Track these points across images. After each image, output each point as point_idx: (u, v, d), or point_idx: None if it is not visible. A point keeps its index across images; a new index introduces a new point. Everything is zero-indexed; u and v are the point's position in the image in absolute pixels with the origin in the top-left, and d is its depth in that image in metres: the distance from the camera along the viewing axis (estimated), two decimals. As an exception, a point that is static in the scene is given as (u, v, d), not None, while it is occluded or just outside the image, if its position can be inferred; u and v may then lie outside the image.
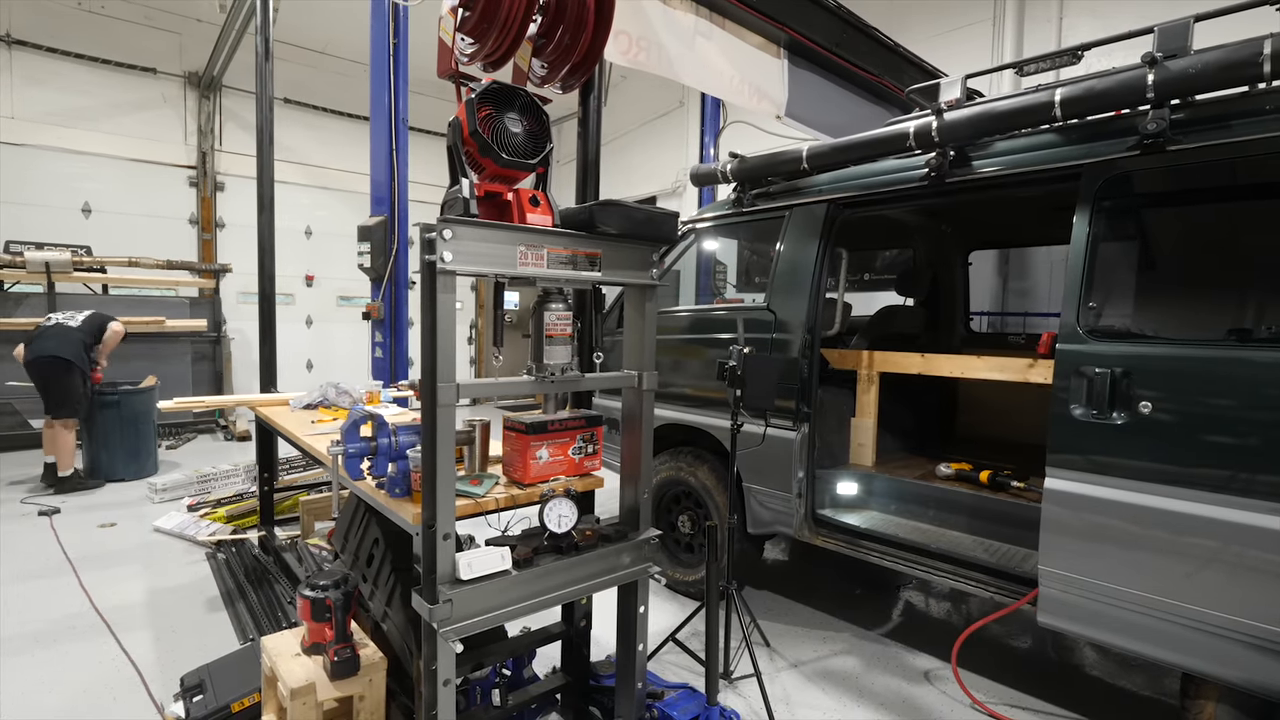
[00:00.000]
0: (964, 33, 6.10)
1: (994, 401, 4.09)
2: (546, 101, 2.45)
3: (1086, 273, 2.10)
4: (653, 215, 1.85)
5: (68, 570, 3.55)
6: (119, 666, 2.63)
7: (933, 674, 2.75)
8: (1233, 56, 1.87)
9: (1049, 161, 2.29)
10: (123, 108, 7.55)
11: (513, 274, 1.71)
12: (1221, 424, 1.83)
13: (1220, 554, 1.81)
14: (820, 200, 2.98)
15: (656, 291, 2.05)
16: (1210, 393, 1.85)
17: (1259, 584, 1.75)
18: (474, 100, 1.63)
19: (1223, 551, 1.81)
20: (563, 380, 1.86)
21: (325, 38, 8.33)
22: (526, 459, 2.01)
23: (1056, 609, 2.12)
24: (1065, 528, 2.08)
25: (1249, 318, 2.01)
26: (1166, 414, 1.91)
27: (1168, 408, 1.91)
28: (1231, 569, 1.80)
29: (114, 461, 5.38)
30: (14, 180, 6.93)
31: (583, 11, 2.12)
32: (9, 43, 6.88)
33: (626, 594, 2.11)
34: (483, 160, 1.64)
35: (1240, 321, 2.00)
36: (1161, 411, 1.91)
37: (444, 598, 1.62)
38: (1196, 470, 1.86)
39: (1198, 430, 1.86)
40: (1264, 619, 1.75)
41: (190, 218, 8.14)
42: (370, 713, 2.09)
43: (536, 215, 1.72)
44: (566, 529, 1.88)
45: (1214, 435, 1.84)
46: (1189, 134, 2.00)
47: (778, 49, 3.49)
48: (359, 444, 1.91)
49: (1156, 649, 1.94)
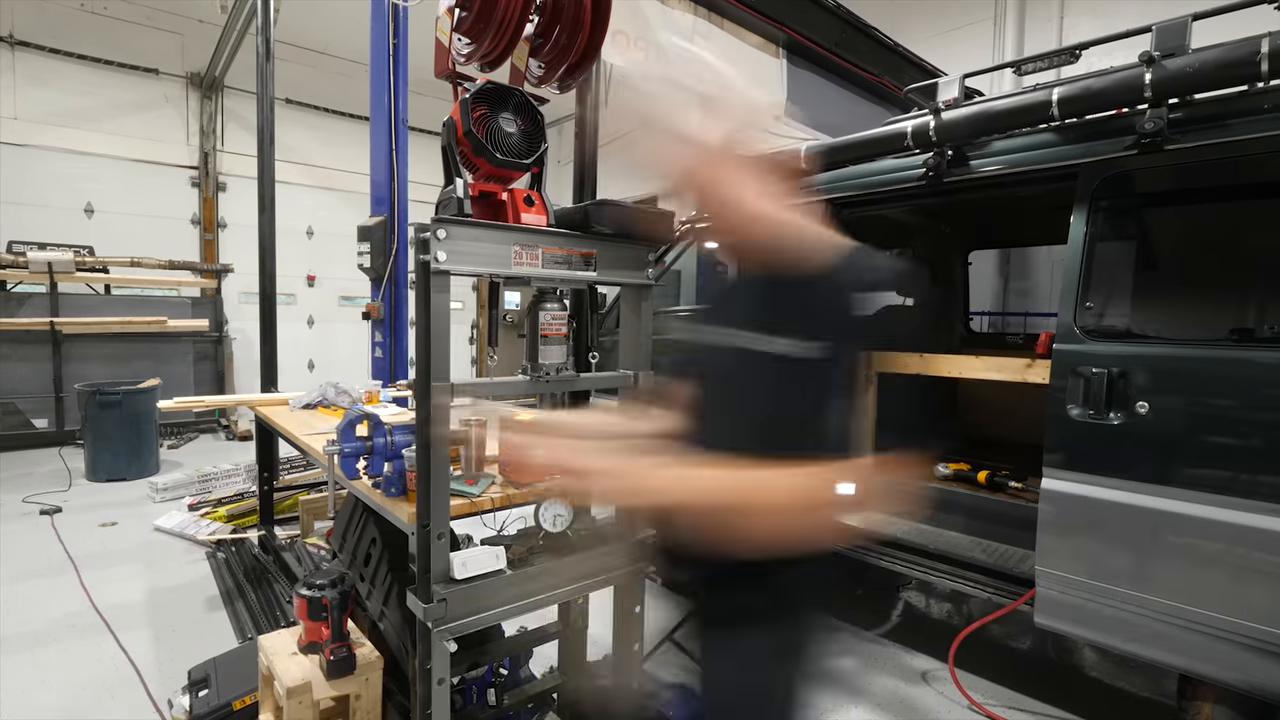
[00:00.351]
0: (964, 32, 6.10)
1: (995, 401, 4.09)
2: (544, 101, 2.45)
3: (1083, 273, 2.10)
4: (648, 214, 1.85)
5: (69, 569, 3.56)
6: (118, 665, 2.64)
7: (930, 674, 2.74)
8: (1230, 55, 1.87)
9: (1046, 161, 2.29)
10: (125, 108, 7.57)
11: (507, 274, 1.71)
12: (1219, 425, 1.82)
13: (1217, 555, 1.81)
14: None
15: (653, 291, 2.05)
16: (1208, 393, 1.85)
17: (1255, 585, 1.75)
18: (468, 100, 1.63)
19: (1219, 553, 1.80)
20: (558, 380, 1.86)
21: (327, 38, 8.35)
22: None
23: (1054, 610, 2.11)
24: (1062, 528, 2.07)
25: (1247, 318, 2.00)
26: (1163, 415, 1.90)
27: (1165, 408, 1.90)
28: (1228, 570, 1.79)
29: (116, 461, 5.40)
30: (17, 181, 6.96)
31: (579, 11, 2.12)
32: (11, 43, 6.91)
33: (622, 593, 2.11)
34: (477, 160, 1.65)
35: (1238, 321, 2.00)
36: (1158, 412, 1.91)
37: (438, 597, 1.62)
38: (1193, 471, 1.85)
39: (1195, 431, 1.86)
40: (1261, 620, 1.74)
41: (192, 218, 8.17)
42: (367, 712, 2.09)
43: (531, 215, 1.72)
44: (562, 528, 1.88)
45: (1211, 436, 1.83)
46: (1187, 133, 1.99)
47: (776, 49, 3.49)
48: (354, 443, 1.92)
49: (1153, 651, 1.93)
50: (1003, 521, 2.56)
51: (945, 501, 2.76)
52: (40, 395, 6.44)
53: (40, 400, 6.46)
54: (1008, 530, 2.54)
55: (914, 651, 2.92)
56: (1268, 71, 1.82)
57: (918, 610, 3.41)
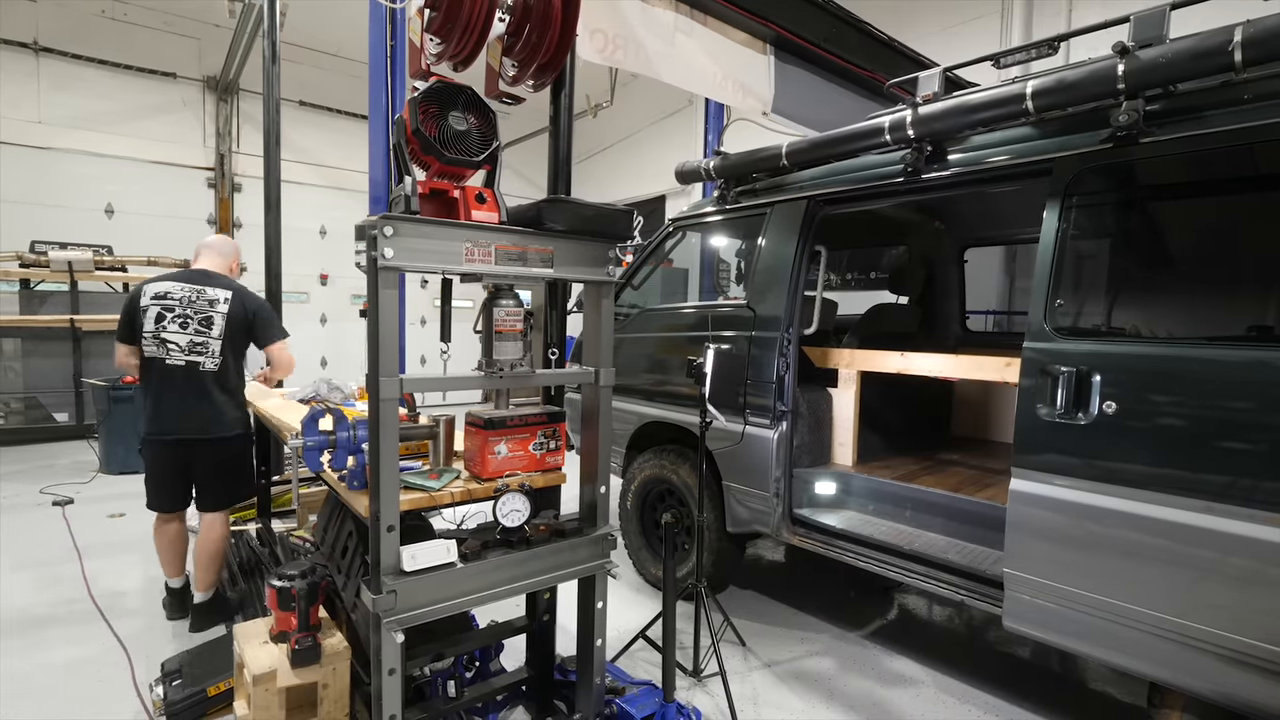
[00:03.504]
0: (973, 25, 5.99)
1: (990, 401, 4.02)
2: (519, 100, 2.47)
3: (1055, 269, 2.05)
4: (603, 212, 1.86)
5: (74, 558, 3.68)
6: (108, 650, 2.72)
7: (908, 678, 2.70)
8: (1203, 45, 1.81)
9: (1022, 155, 2.24)
10: (144, 111, 7.79)
11: (459, 270, 1.73)
12: (1189, 426, 1.77)
13: (1185, 560, 1.75)
14: (800, 197, 2.95)
15: (614, 288, 2.06)
16: (1181, 393, 1.79)
17: (1224, 591, 1.69)
18: (417, 99, 1.65)
19: (1188, 557, 1.75)
20: (511, 376, 1.87)
21: (338, 41, 8.49)
22: (484, 454, 2.02)
23: (1022, 613, 2.07)
24: (1030, 530, 2.03)
25: (1221, 316, 1.94)
26: (1134, 415, 1.85)
27: (1135, 408, 1.85)
28: (1196, 575, 1.74)
29: (130, 454, 5.55)
30: (40, 182, 7.20)
31: (548, 9, 2.13)
32: (37, 50, 7.15)
33: (586, 589, 2.12)
34: (426, 158, 1.66)
35: (1212, 320, 1.94)
36: (1129, 412, 1.86)
37: (387, 588, 1.65)
38: (1163, 473, 1.80)
39: (1166, 432, 1.80)
40: (1229, 628, 1.69)
41: (209, 218, 8.37)
42: (334, 701, 2.13)
43: (482, 212, 1.74)
44: (519, 523, 1.89)
45: (1181, 437, 1.78)
46: (1164, 126, 1.94)
47: (764, 45, 3.47)
48: (318, 437, 1.95)
49: (1121, 657, 1.89)
50: (979, 522, 2.51)
51: (924, 502, 2.72)
52: (61, 390, 6.67)
53: (61, 395, 6.68)
54: (985, 531, 2.50)
55: (895, 654, 2.89)
56: (1241, 61, 1.76)
57: (906, 612, 3.36)
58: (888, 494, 2.83)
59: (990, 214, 3.71)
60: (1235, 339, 1.81)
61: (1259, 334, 1.86)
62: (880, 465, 3.18)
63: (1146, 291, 2.02)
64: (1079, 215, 2.07)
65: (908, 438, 3.54)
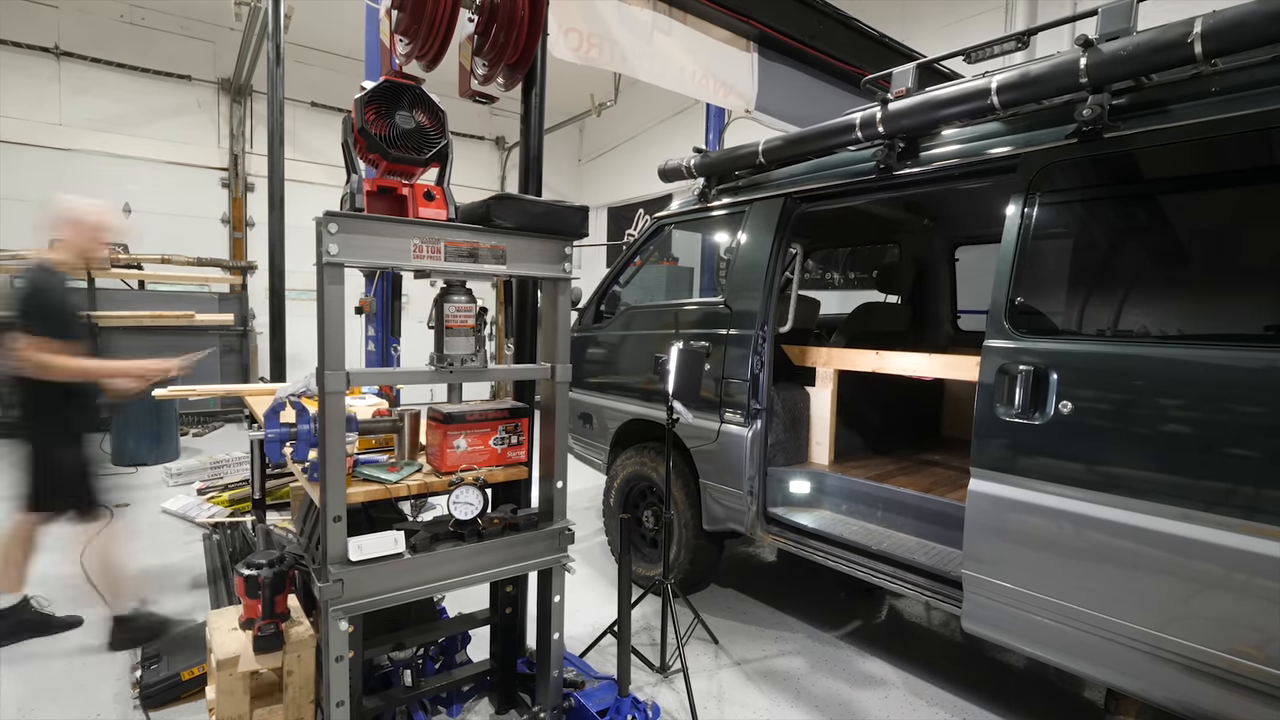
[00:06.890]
0: (977, 20, 5.90)
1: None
2: (491, 99, 2.50)
3: (1015, 266, 2.02)
4: (552, 209, 1.87)
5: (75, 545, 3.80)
6: (98, 633, 2.81)
7: (879, 679, 2.68)
8: (1162, 37, 1.77)
9: (989, 151, 2.21)
10: (161, 113, 7.99)
11: (409, 267, 1.76)
12: (1148, 427, 1.73)
13: (1142, 565, 1.72)
14: (777, 195, 2.94)
15: (570, 285, 2.07)
16: (1137, 394, 1.76)
17: (1182, 598, 1.66)
18: (362, 98, 1.68)
19: (1145, 562, 1.72)
20: (462, 370, 1.90)
21: (350, 42, 8.61)
22: (444, 448, 2.06)
23: (981, 615, 2.05)
24: (988, 531, 2.00)
25: (1183, 316, 1.89)
26: (1090, 415, 1.82)
27: (1092, 408, 1.82)
28: (1153, 581, 1.70)
29: (139, 447, 5.72)
30: (61, 183, 7.42)
31: (514, 9, 2.16)
32: (58, 54, 7.38)
33: (544, 583, 2.14)
34: (371, 156, 1.70)
35: (1173, 319, 1.89)
36: (1085, 412, 1.83)
37: (334, 577, 1.69)
38: (1119, 474, 1.77)
39: (1123, 433, 1.77)
40: (1186, 636, 1.65)
41: (223, 217, 8.56)
42: (299, 687, 2.18)
43: (431, 209, 1.77)
44: (470, 516, 1.92)
45: (1140, 439, 1.74)
46: (1129, 120, 1.90)
47: (747, 43, 3.45)
48: (279, 429, 2.00)
49: (1078, 662, 1.86)
50: (948, 523, 2.48)
51: (894, 501, 2.69)
52: (78, 384, 6.86)
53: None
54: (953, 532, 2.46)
55: (868, 655, 2.86)
56: (1202, 54, 1.72)
57: (888, 613, 3.33)
58: (860, 494, 2.81)
59: (981, 212, 3.65)
60: (1193, 338, 1.77)
61: (1218, 334, 1.81)
62: (857, 465, 3.16)
63: (1108, 290, 1.98)
64: (1041, 212, 2.04)
65: (891, 437, 3.51)
